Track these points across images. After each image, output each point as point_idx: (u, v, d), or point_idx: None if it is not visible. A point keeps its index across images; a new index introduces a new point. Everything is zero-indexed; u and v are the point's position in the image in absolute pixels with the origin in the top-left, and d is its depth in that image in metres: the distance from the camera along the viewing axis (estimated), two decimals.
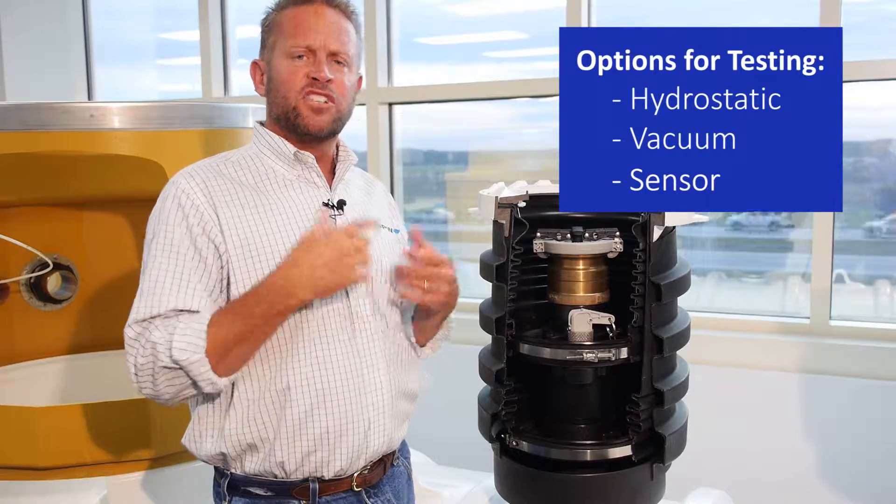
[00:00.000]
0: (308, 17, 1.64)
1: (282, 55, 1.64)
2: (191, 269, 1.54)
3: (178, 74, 5.33)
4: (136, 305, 1.53)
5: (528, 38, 4.27)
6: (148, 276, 1.54)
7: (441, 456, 2.69)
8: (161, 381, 1.49)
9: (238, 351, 1.51)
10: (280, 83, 1.64)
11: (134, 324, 1.51)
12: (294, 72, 1.63)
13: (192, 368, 1.47)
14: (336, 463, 1.61)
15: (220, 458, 1.62)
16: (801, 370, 3.21)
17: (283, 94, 1.64)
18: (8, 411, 2.33)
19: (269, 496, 1.61)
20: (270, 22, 1.69)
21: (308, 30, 1.63)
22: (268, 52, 1.68)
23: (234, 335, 1.49)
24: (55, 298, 2.88)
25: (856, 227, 3.54)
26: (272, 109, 1.68)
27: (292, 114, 1.64)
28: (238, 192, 1.61)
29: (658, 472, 1.87)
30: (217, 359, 1.48)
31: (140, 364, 1.49)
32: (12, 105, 2.39)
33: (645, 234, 1.75)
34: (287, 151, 1.66)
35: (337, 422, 1.59)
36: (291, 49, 1.63)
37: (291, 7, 1.66)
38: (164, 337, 1.47)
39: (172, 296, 1.51)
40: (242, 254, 1.56)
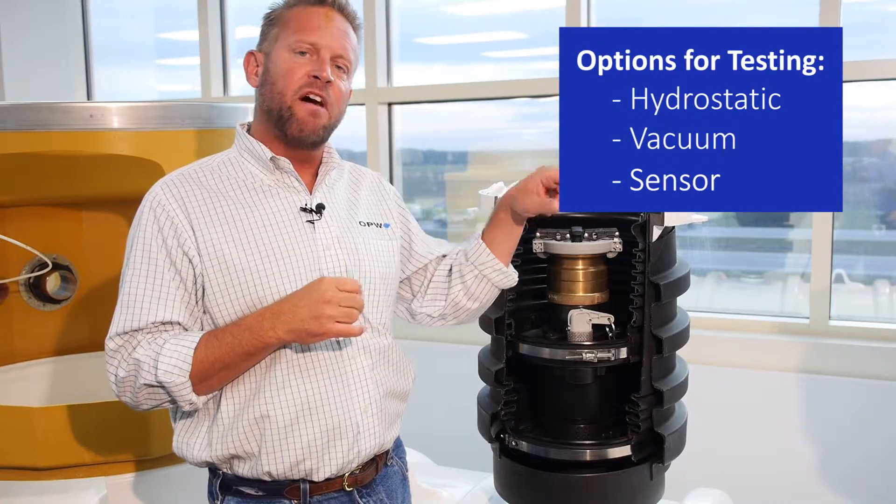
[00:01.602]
0: (318, 17, 1.63)
1: (284, 48, 1.62)
2: (168, 282, 1.54)
3: (177, 74, 5.33)
4: (116, 317, 1.53)
5: (527, 38, 4.27)
6: (127, 287, 1.54)
7: (440, 456, 2.69)
8: (141, 395, 1.52)
9: (220, 376, 1.52)
10: (278, 76, 1.61)
11: (115, 336, 1.52)
12: (295, 68, 1.60)
13: (175, 390, 1.49)
14: (326, 469, 1.60)
15: (209, 464, 1.63)
16: (801, 370, 3.21)
17: (279, 89, 1.60)
18: (6, 411, 2.33)
19: (261, 496, 1.61)
20: (276, 16, 1.66)
21: (316, 28, 1.62)
22: (268, 43, 1.65)
23: (217, 361, 1.50)
24: (54, 298, 2.88)
25: (855, 228, 3.55)
26: (264, 101, 1.64)
27: (286, 112, 1.60)
28: (214, 202, 1.59)
29: (657, 472, 1.87)
30: (198, 381, 1.50)
31: (121, 377, 1.51)
32: (11, 105, 2.39)
33: (644, 234, 1.75)
34: (264, 156, 1.63)
35: (323, 430, 1.58)
36: (296, 44, 1.61)
37: (302, 5, 1.65)
38: (150, 356, 1.48)
39: (153, 309, 1.52)
40: (217, 267, 1.55)
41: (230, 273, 1.55)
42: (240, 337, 1.49)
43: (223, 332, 1.52)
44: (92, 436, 2.31)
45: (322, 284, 1.48)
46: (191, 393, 1.50)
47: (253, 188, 1.62)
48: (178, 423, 1.64)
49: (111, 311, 1.56)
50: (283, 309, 1.49)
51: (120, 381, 1.51)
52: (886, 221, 3.54)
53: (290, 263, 1.57)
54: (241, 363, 1.52)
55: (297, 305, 1.48)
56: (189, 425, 1.61)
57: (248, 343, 1.49)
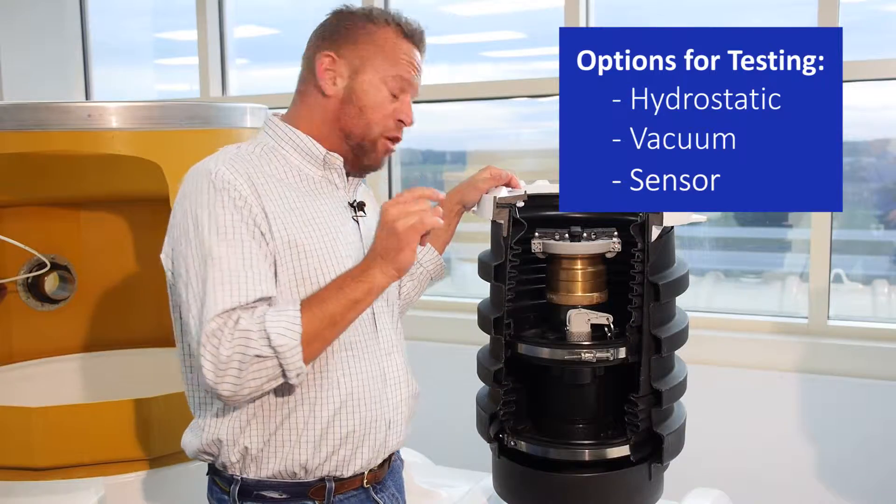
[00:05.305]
0: (412, 54, 1.65)
1: (379, 79, 1.61)
2: (259, 258, 1.49)
3: (175, 74, 5.32)
4: (212, 298, 1.43)
5: (526, 38, 4.27)
6: (217, 266, 1.45)
7: (439, 456, 2.69)
8: (248, 373, 1.41)
9: (325, 335, 1.48)
10: (368, 107, 1.61)
11: (216, 316, 1.42)
12: (387, 105, 1.62)
13: (289, 355, 1.42)
14: (357, 462, 1.62)
15: (237, 463, 1.59)
16: (800, 370, 3.21)
17: (367, 120, 1.62)
18: (5, 411, 2.32)
19: (285, 499, 1.60)
20: (368, 30, 1.63)
21: (411, 68, 1.64)
22: (355, 57, 1.62)
23: (326, 317, 1.47)
24: (53, 298, 2.88)
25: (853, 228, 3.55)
26: (341, 117, 1.63)
27: (368, 144, 1.63)
28: (276, 186, 1.57)
29: (656, 472, 1.87)
30: (307, 343, 1.45)
31: (225, 356, 1.40)
32: (10, 105, 2.38)
33: (643, 234, 1.75)
34: (318, 153, 1.63)
35: (360, 423, 1.60)
36: (393, 81, 1.62)
37: (396, 33, 1.63)
38: (257, 324, 1.42)
39: (251, 284, 1.46)
40: (287, 249, 1.53)
41: (299, 256, 1.54)
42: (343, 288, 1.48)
43: (319, 293, 1.50)
44: (90, 436, 2.30)
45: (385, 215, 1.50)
46: (301, 359, 1.44)
47: (304, 178, 1.63)
48: (208, 421, 1.59)
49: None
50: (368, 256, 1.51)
51: (224, 361, 1.40)
52: (885, 221, 3.54)
53: (347, 253, 1.60)
54: (347, 314, 1.49)
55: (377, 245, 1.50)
56: (222, 422, 1.58)
57: (351, 290, 1.48)
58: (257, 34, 4.81)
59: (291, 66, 1.74)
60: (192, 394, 1.64)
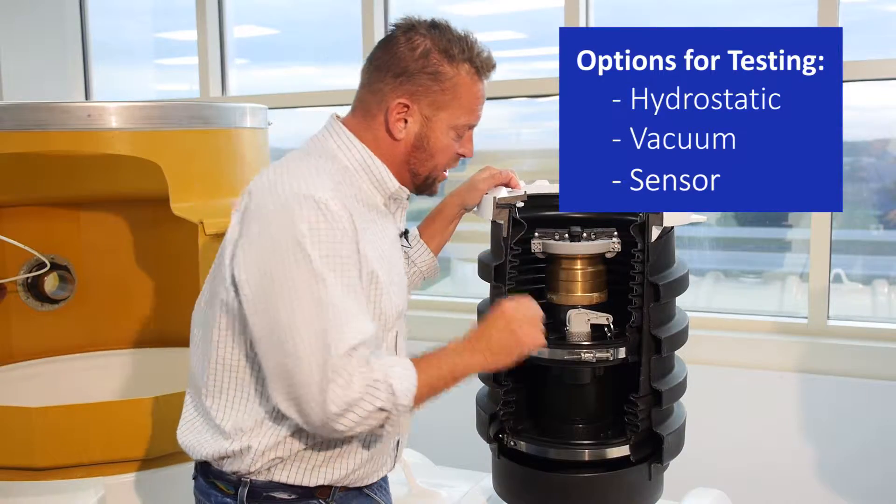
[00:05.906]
0: (483, 95, 1.64)
1: (449, 126, 1.61)
2: (360, 291, 1.48)
3: (175, 74, 5.32)
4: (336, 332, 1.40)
5: (526, 38, 4.26)
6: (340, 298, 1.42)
7: (439, 456, 2.69)
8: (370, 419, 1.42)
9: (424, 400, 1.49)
10: (436, 151, 1.62)
11: (344, 354, 1.39)
12: (452, 147, 1.64)
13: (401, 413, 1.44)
14: (375, 476, 1.66)
15: (259, 470, 1.56)
16: (799, 370, 3.21)
17: (433, 164, 1.63)
18: (5, 411, 2.32)
19: (293, 499, 1.58)
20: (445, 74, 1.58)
21: (479, 109, 1.65)
22: (431, 107, 1.59)
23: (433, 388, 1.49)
24: (52, 298, 2.88)
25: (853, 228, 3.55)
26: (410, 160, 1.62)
27: (430, 180, 1.66)
28: (361, 214, 1.53)
29: (656, 472, 1.87)
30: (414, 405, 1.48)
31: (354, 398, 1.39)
32: (10, 104, 2.38)
33: (643, 234, 1.75)
34: (391, 186, 1.62)
35: (386, 439, 1.63)
36: (462, 127, 1.63)
37: (470, 73, 1.60)
38: (383, 375, 1.41)
39: (367, 319, 1.45)
40: (370, 284, 1.52)
41: (377, 290, 1.53)
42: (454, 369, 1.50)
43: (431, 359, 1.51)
44: (90, 436, 2.30)
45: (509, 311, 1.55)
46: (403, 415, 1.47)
47: (371, 206, 1.60)
48: (243, 423, 1.54)
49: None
50: (476, 337, 1.54)
51: (351, 401, 1.39)
52: (885, 221, 3.54)
53: (404, 284, 1.66)
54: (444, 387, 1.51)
55: (492, 335, 1.54)
56: (268, 427, 1.54)
57: (459, 371, 1.51)
58: (257, 34, 4.81)
59: (291, 67, 1.74)
60: (223, 398, 1.57)
